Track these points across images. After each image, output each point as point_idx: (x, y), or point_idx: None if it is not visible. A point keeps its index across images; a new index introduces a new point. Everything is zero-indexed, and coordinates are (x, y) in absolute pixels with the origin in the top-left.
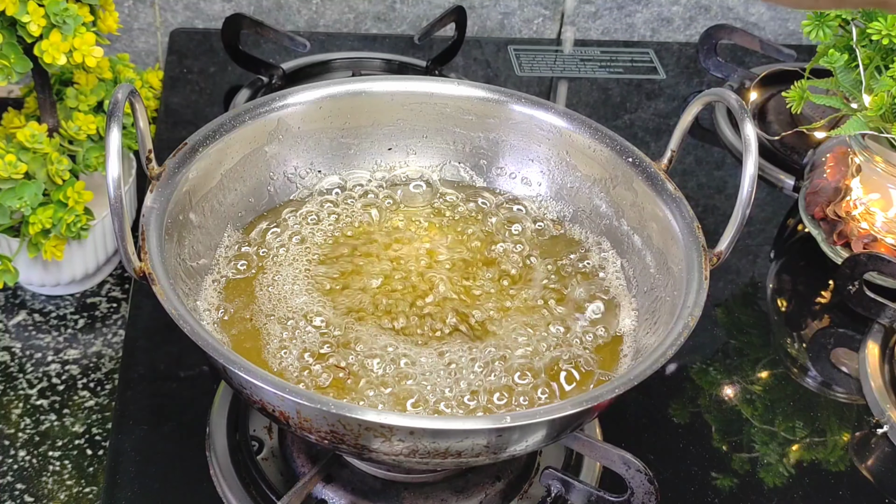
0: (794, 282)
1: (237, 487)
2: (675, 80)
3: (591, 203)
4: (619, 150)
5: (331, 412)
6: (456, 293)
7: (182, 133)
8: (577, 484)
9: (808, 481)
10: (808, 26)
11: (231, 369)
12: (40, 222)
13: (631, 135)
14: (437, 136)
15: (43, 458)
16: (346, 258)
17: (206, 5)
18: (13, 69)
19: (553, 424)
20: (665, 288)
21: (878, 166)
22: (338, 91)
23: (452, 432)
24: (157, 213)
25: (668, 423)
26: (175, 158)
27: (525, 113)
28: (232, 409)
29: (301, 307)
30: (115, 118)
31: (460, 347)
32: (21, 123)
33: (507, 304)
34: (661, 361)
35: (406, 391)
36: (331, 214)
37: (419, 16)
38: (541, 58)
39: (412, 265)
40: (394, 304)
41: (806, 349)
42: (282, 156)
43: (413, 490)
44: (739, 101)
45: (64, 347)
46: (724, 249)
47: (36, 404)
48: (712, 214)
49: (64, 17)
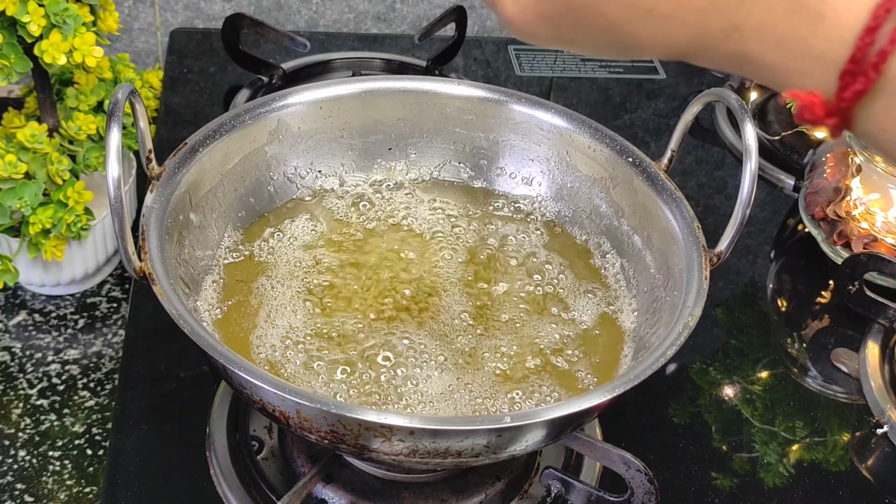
0: (794, 282)
1: (237, 487)
2: (675, 80)
3: (591, 203)
4: (619, 149)
5: (331, 412)
6: (455, 293)
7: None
8: (577, 484)
9: (808, 481)
10: None
11: (231, 369)
12: (40, 222)
13: (631, 135)
14: (437, 136)
15: (43, 458)
16: (345, 258)
17: (206, 5)
18: (13, 69)
19: (553, 424)
20: (665, 288)
21: (878, 166)
22: (338, 91)
23: (452, 432)
24: (158, 213)
25: (668, 423)
26: (175, 158)
27: (525, 113)
28: (232, 409)
29: (301, 308)
30: (115, 118)
31: (460, 347)
32: (21, 123)
33: (506, 304)
34: (661, 361)
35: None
36: (331, 215)
37: (419, 16)
38: (541, 58)
39: (412, 265)
40: (392, 304)
41: (806, 349)
42: (282, 156)
43: (413, 490)
44: (739, 100)
45: (64, 347)
46: (724, 249)
47: (36, 404)
48: (712, 214)
49: (64, 17)
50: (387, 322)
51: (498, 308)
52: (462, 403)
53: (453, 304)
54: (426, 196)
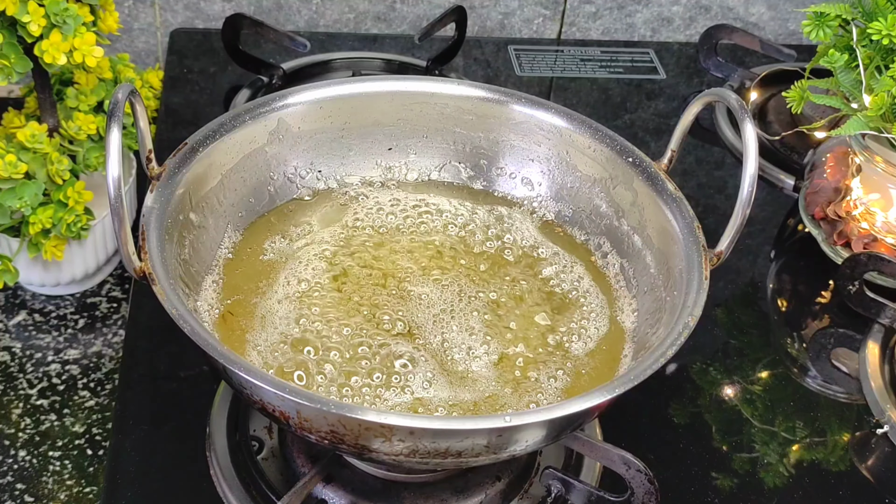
0: (794, 282)
1: (237, 487)
2: (675, 80)
3: (591, 203)
4: (619, 149)
5: (331, 412)
6: (455, 293)
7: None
8: (577, 484)
9: (808, 481)
10: (809, 26)
11: (231, 369)
12: (40, 222)
13: (631, 135)
14: (437, 136)
15: (43, 458)
16: (345, 259)
17: (207, 5)
18: (13, 69)
19: (553, 424)
20: (665, 288)
21: (879, 166)
22: (338, 91)
23: (452, 432)
24: (158, 213)
25: (669, 423)
26: (175, 158)
27: (525, 113)
28: (232, 409)
29: (300, 309)
30: (115, 118)
31: (459, 347)
32: (21, 123)
33: (505, 304)
34: (661, 361)
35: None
36: (330, 215)
37: (419, 16)
38: (541, 58)
39: (411, 266)
40: (392, 304)
41: (806, 349)
42: (282, 156)
43: (413, 490)
44: (740, 100)
45: (64, 347)
46: (724, 249)
47: (36, 404)
48: (712, 214)
49: (64, 17)
50: (386, 323)
51: (497, 308)
52: (462, 404)
53: (452, 305)
54: (426, 196)
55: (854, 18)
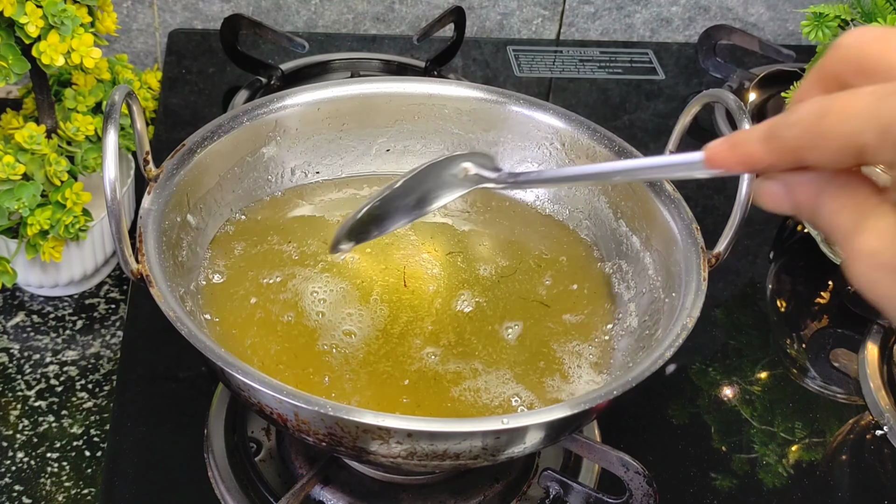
0: (794, 282)
1: (235, 489)
2: (674, 81)
3: (590, 204)
4: (617, 151)
5: (328, 414)
6: (453, 294)
7: (181, 134)
8: (575, 486)
9: (807, 482)
10: (808, 27)
11: (229, 371)
12: (38, 223)
13: (630, 135)
14: (435, 138)
15: (41, 459)
16: (344, 261)
17: (205, 6)
18: (11, 70)
19: (551, 426)
20: (664, 289)
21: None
22: (336, 92)
23: (450, 434)
24: (155, 214)
25: (667, 424)
26: (173, 160)
27: (524, 114)
28: (230, 410)
29: (299, 310)
30: (112, 120)
31: (458, 347)
32: (19, 124)
33: (505, 305)
34: (660, 363)
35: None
36: (329, 217)
37: (418, 16)
38: (540, 58)
39: (410, 267)
40: (391, 305)
41: (805, 350)
42: (280, 157)
43: (411, 492)
44: (738, 101)
45: (62, 349)
46: (722, 250)
47: (34, 406)
48: (711, 215)
49: (62, 18)
50: (385, 323)
51: (497, 309)
52: (462, 405)
53: (452, 305)
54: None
55: (853, 19)
